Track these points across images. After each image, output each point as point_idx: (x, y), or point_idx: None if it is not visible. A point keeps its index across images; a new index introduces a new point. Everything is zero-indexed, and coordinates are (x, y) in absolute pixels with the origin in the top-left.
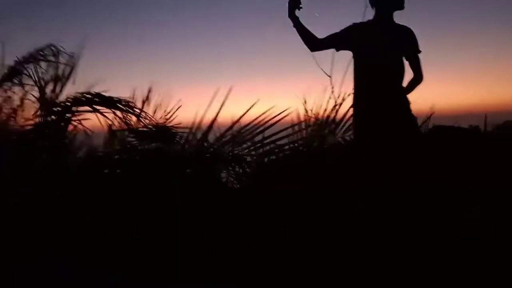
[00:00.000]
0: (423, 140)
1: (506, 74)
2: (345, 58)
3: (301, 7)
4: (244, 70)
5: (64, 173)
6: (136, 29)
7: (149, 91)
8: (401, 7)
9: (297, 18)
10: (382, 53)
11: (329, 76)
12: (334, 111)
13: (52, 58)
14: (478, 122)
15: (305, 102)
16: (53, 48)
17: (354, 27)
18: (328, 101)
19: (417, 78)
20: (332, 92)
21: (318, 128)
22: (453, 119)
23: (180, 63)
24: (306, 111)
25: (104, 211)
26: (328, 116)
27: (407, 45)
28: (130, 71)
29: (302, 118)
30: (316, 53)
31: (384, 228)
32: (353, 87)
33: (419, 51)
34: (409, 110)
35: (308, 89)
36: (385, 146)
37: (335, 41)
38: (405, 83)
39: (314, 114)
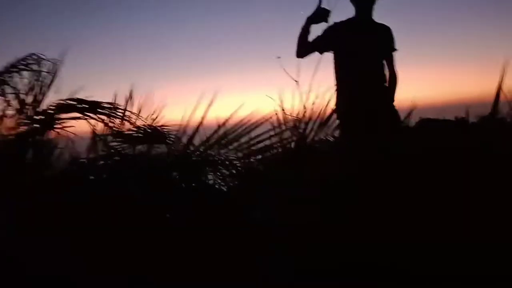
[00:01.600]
0: (409, 135)
1: (485, 65)
2: (312, 61)
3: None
4: (227, 71)
5: (47, 182)
6: (118, 32)
7: (131, 92)
8: None
9: (311, 25)
10: (363, 51)
11: (296, 81)
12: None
13: (34, 67)
14: (459, 114)
15: (281, 102)
16: (34, 57)
17: (335, 28)
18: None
19: (393, 77)
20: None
21: (301, 127)
22: (435, 111)
23: (162, 66)
24: (284, 111)
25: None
26: (311, 115)
27: (385, 44)
28: (112, 75)
29: (285, 118)
30: (282, 57)
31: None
32: (335, 86)
33: (395, 50)
34: (393, 106)
35: (292, 88)
36: (370, 143)
37: (319, 44)
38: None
39: (295, 113)
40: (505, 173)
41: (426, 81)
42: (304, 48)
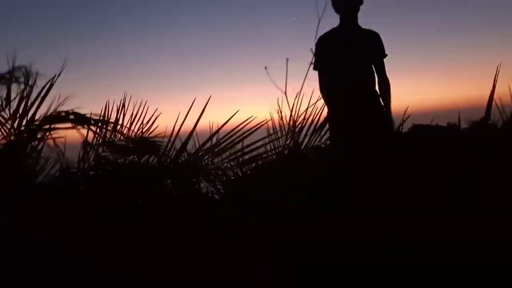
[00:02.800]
0: (401, 141)
1: (478, 71)
2: (301, 70)
3: None
4: (219, 79)
5: (36, 193)
6: (111, 41)
7: (123, 103)
8: (359, 2)
9: None
10: (349, 59)
11: (285, 93)
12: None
13: (23, 80)
14: (451, 120)
15: (275, 110)
16: (23, 70)
17: (321, 41)
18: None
19: (385, 83)
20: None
21: (295, 134)
22: (427, 117)
23: (155, 75)
24: (278, 118)
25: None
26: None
27: (373, 49)
28: (105, 84)
29: (279, 125)
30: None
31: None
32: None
33: (385, 56)
34: (383, 112)
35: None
36: (361, 149)
37: (317, 64)
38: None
39: (290, 120)
40: (496, 178)
41: (418, 87)
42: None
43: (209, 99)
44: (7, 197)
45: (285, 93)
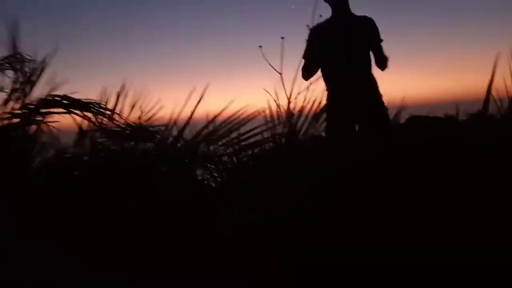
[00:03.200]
0: (398, 132)
1: (474, 63)
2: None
3: None
4: (217, 66)
5: (31, 176)
6: (108, 28)
7: (122, 88)
8: None
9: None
10: (344, 47)
11: (280, 73)
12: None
13: (18, 66)
14: (449, 111)
15: (273, 97)
16: (18, 56)
17: (313, 33)
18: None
19: (381, 66)
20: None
21: (293, 122)
22: (425, 108)
23: (154, 61)
24: (276, 105)
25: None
26: (302, 110)
27: (369, 35)
28: (101, 70)
29: (276, 113)
30: (265, 49)
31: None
32: (324, 83)
33: (381, 40)
34: (381, 102)
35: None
36: (357, 141)
37: (309, 56)
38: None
39: (288, 108)
40: (493, 170)
41: (416, 78)
42: (306, 72)
43: (205, 88)
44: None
45: (281, 74)
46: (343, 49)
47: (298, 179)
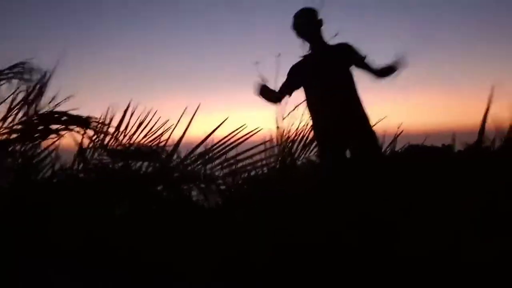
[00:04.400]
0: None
1: (473, 93)
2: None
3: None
4: (215, 85)
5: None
6: (101, 48)
7: (128, 108)
8: (319, 25)
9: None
10: (328, 79)
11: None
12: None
13: (24, 76)
14: (446, 141)
15: (276, 121)
16: (25, 66)
17: (293, 70)
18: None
19: (384, 74)
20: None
21: (290, 146)
22: (422, 137)
23: (148, 81)
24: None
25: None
26: (299, 135)
27: (350, 59)
28: (97, 90)
29: (273, 136)
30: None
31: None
32: (309, 114)
33: (364, 57)
34: (368, 125)
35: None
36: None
37: (287, 91)
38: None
39: (285, 132)
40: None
41: (414, 107)
42: (277, 100)
43: (198, 108)
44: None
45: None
46: (325, 79)
47: (294, 205)
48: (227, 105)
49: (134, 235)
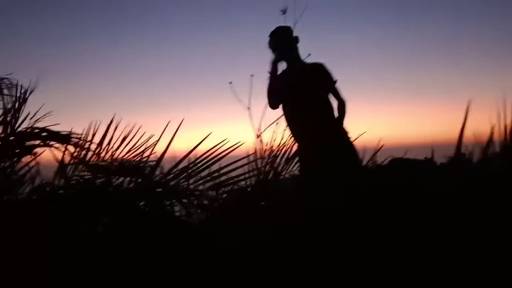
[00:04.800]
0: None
1: (450, 106)
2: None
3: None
4: (196, 101)
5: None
6: (83, 62)
7: (111, 123)
8: (294, 43)
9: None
10: (300, 96)
11: (248, 108)
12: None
13: (3, 92)
14: (424, 155)
15: (259, 135)
16: (4, 81)
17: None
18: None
19: (341, 104)
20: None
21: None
22: (401, 150)
23: (133, 94)
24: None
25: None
26: (281, 149)
27: (322, 81)
28: (87, 103)
29: (255, 151)
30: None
31: None
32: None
33: (335, 82)
34: (347, 140)
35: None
36: (330, 180)
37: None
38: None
39: (267, 147)
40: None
41: (392, 121)
42: (275, 97)
43: (181, 122)
44: None
45: (248, 108)
46: (299, 99)
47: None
48: (210, 120)
49: (116, 252)
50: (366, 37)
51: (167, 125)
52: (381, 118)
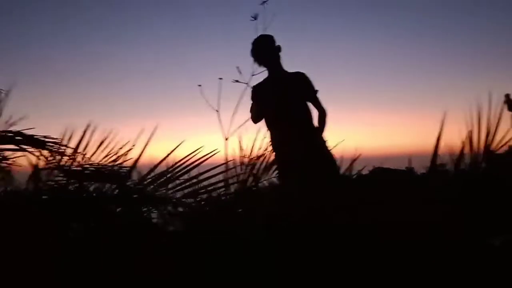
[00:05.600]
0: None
1: (426, 117)
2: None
3: None
4: (173, 107)
5: None
6: (55, 69)
7: (87, 128)
8: (276, 51)
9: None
10: (280, 106)
11: (217, 111)
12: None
13: None
14: (403, 164)
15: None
16: None
17: (253, 92)
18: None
19: (321, 114)
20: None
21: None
22: (378, 160)
23: (109, 100)
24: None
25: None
26: (260, 156)
27: (303, 90)
28: (51, 110)
29: (233, 157)
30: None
31: None
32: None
33: (316, 92)
34: (325, 148)
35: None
36: (308, 188)
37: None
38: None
39: (245, 154)
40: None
41: (368, 131)
42: (253, 114)
43: (155, 129)
44: None
45: (217, 110)
46: (280, 108)
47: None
48: (188, 128)
49: (89, 258)
50: (344, 46)
51: (141, 131)
52: (357, 128)
